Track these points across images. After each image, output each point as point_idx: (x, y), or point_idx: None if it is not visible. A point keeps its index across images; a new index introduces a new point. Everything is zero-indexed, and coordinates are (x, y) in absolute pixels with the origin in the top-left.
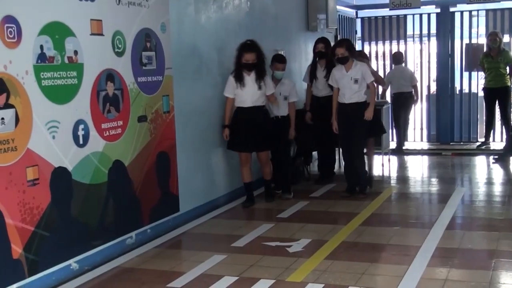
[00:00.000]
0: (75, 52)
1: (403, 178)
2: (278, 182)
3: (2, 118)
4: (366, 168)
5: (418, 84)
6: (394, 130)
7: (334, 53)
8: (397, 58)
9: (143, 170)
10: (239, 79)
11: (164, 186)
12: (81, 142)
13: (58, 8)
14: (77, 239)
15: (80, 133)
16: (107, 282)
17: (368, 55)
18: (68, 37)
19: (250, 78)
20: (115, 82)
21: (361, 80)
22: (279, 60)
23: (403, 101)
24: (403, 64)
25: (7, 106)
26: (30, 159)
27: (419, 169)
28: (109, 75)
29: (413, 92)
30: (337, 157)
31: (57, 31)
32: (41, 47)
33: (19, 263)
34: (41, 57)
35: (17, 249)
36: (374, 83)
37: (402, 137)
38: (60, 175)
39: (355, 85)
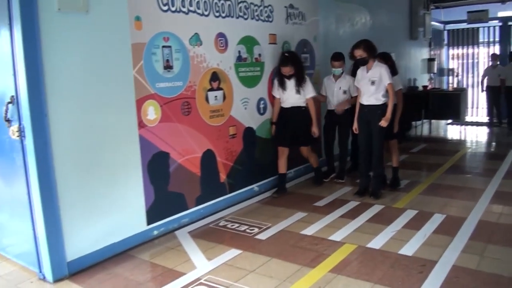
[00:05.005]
0: (259, 55)
1: (475, 141)
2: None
3: (216, 96)
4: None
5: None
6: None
7: (353, 55)
8: (493, 58)
9: None
10: (281, 85)
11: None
12: (261, 111)
13: (249, 27)
14: (258, 172)
15: (261, 106)
16: (274, 199)
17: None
18: (255, 45)
19: (290, 83)
20: None
21: (379, 81)
22: (334, 58)
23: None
24: (498, 63)
25: (219, 88)
26: (231, 121)
27: (484, 136)
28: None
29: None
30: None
31: (248, 42)
32: (239, 52)
33: (224, 185)
34: (239, 58)
35: (222, 176)
36: (392, 85)
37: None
38: (248, 132)
39: (372, 87)
